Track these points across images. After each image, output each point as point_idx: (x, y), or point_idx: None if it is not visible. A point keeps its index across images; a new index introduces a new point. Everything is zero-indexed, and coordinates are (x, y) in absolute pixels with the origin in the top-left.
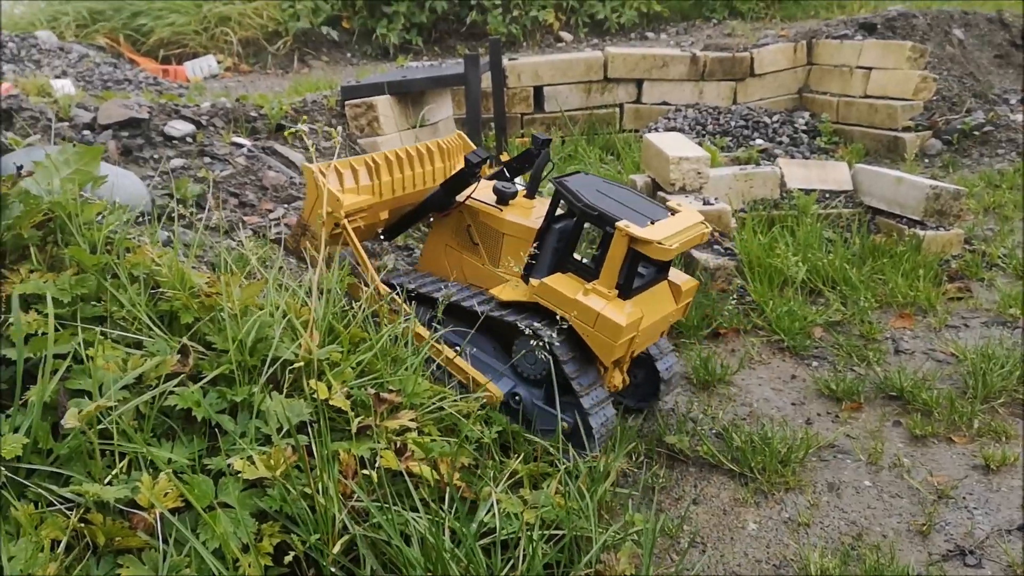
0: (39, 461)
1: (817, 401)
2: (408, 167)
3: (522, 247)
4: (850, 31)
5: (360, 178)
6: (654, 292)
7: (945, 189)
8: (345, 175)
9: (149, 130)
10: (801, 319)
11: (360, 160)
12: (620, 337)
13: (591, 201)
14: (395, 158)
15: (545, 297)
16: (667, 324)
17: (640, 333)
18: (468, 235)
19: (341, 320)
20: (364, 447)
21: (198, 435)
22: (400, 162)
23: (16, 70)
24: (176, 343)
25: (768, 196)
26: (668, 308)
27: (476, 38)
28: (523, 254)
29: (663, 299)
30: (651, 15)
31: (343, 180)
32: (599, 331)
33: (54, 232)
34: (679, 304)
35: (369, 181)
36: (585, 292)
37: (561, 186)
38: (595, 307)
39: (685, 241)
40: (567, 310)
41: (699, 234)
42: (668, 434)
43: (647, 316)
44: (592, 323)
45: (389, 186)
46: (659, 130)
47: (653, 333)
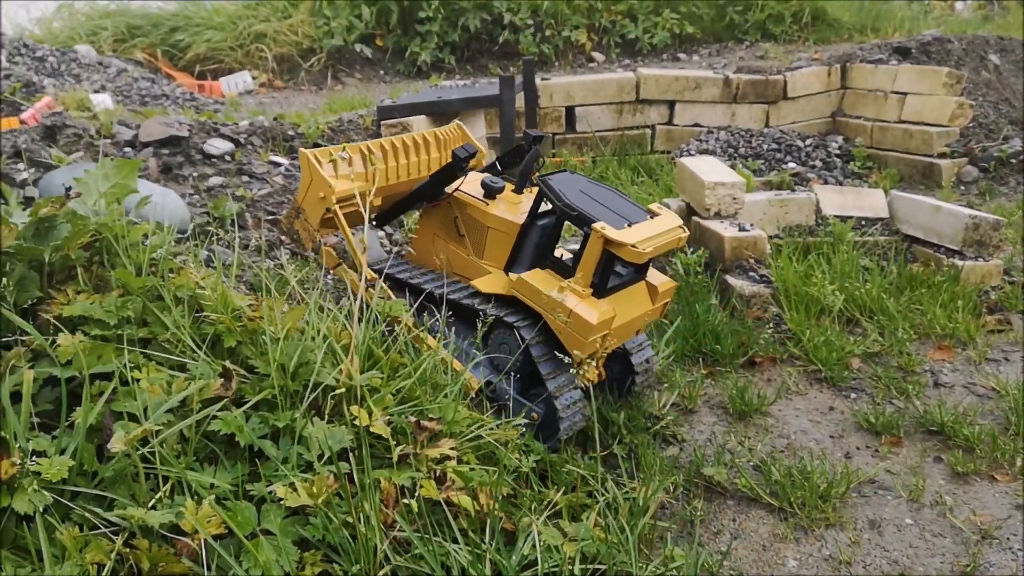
0: (84, 483)
1: (856, 434)
2: (403, 156)
3: (506, 241)
4: (884, 55)
5: (355, 165)
6: (630, 292)
7: (984, 219)
8: (339, 163)
9: (189, 148)
10: (839, 349)
11: (355, 147)
12: (590, 334)
13: (571, 201)
14: (390, 146)
15: (522, 291)
16: (643, 323)
17: (613, 331)
18: (455, 226)
19: (380, 345)
20: (405, 476)
21: (240, 460)
22: (395, 150)
23: (56, 84)
24: (219, 366)
25: (803, 222)
26: (644, 308)
27: (508, 57)
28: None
29: (639, 299)
30: (683, 36)
31: (337, 167)
32: (571, 328)
33: (100, 252)
34: (656, 304)
35: (363, 168)
36: (560, 289)
37: (544, 184)
38: (568, 304)
39: (660, 245)
40: (542, 305)
41: (675, 238)
42: (706, 465)
43: (621, 315)
44: (565, 319)
45: (383, 173)
46: (691, 152)
47: (627, 331)
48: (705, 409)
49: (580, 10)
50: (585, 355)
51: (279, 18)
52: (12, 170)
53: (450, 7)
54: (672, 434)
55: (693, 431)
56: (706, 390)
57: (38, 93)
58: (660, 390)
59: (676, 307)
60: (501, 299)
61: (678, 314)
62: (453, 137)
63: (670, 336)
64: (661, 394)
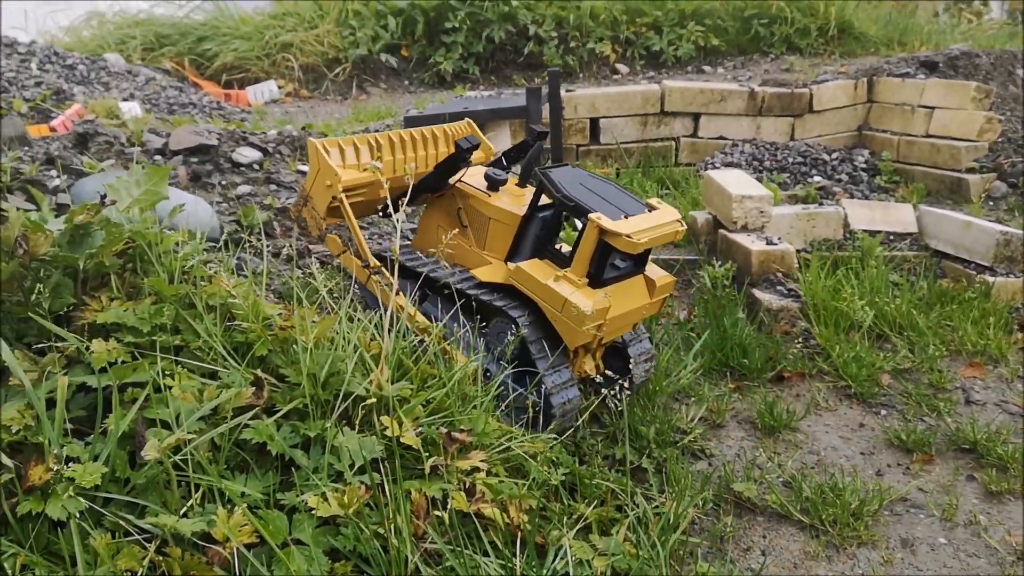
0: (116, 490)
1: (887, 451)
2: (411, 149)
3: (507, 232)
4: (911, 69)
5: (361, 155)
6: (628, 284)
7: (1015, 235)
8: (347, 152)
9: (217, 156)
10: (869, 365)
11: (363, 139)
12: (584, 323)
13: (569, 192)
14: (398, 140)
15: (519, 280)
16: (640, 316)
17: (608, 322)
18: (458, 218)
19: (410, 355)
20: (436, 487)
21: (271, 469)
22: (403, 144)
23: (86, 92)
24: (250, 375)
25: (831, 236)
26: (641, 301)
27: (532, 68)
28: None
29: (636, 292)
30: (708, 49)
31: (345, 156)
32: (565, 316)
33: (133, 260)
34: (654, 299)
35: (370, 159)
36: (556, 278)
37: (544, 176)
38: (563, 293)
39: (656, 236)
40: (538, 294)
41: (672, 231)
42: (736, 481)
43: (616, 306)
44: (560, 308)
45: (390, 165)
46: (716, 165)
47: (623, 324)
48: (733, 424)
49: (605, 22)
50: (579, 344)
51: (305, 28)
52: (45, 177)
53: (475, 18)
54: (700, 448)
55: (721, 446)
56: (734, 405)
57: (68, 100)
58: (688, 404)
59: (703, 320)
60: (500, 289)
61: (705, 327)
62: (460, 133)
63: (697, 350)
64: (689, 408)
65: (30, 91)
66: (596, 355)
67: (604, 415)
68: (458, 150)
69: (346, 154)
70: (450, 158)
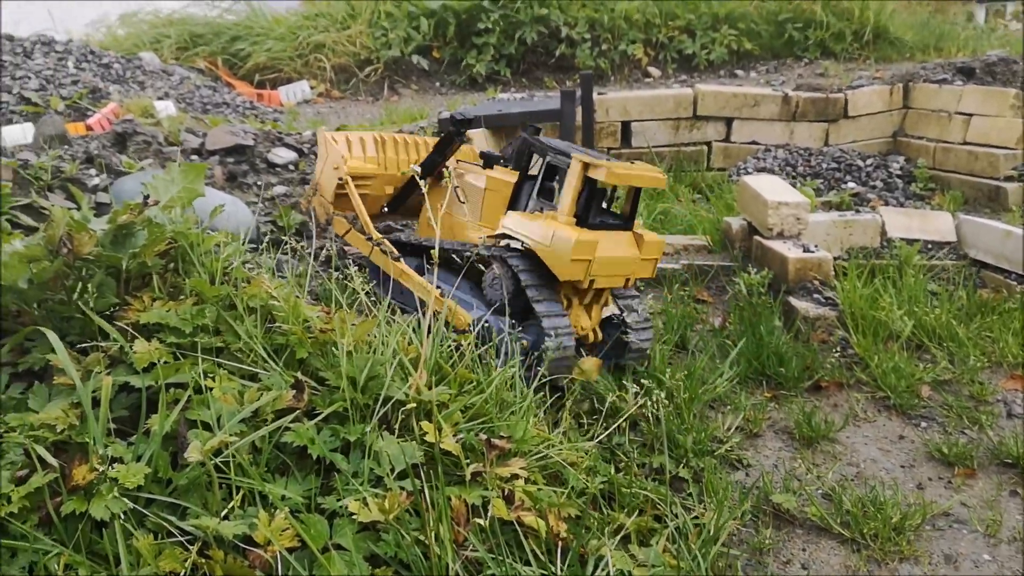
0: (159, 491)
1: (927, 464)
2: (415, 151)
3: (501, 201)
4: (948, 75)
5: (367, 149)
6: (616, 235)
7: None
8: (354, 144)
9: (253, 156)
10: (908, 376)
11: (369, 135)
12: (571, 252)
13: (554, 144)
14: (402, 141)
15: (512, 227)
16: (630, 270)
17: (596, 264)
18: (456, 196)
19: (447, 360)
20: (476, 494)
21: (311, 472)
22: (407, 145)
23: (121, 90)
24: (290, 377)
25: (868, 244)
26: (629, 253)
27: (564, 70)
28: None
29: (625, 243)
30: (741, 52)
31: (351, 148)
32: (554, 247)
33: (175, 260)
34: (643, 256)
35: (374, 153)
36: (546, 219)
37: (529, 138)
38: (550, 227)
39: (634, 176)
40: (529, 235)
41: (652, 177)
42: (774, 492)
43: (603, 248)
44: (548, 241)
45: (395, 163)
46: (748, 170)
47: (612, 272)
48: (770, 433)
49: (637, 25)
50: (569, 277)
51: (338, 29)
52: (84, 175)
53: (507, 20)
54: (738, 458)
55: (759, 456)
56: (770, 414)
57: (104, 99)
58: (724, 412)
59: (739, 328)
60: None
61: (741, 335)
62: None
63: (733, 358)
64: (725, 416)
65: (67, 89)
66: (591, 313)
67: (641, 422)
68: (452, 122)
69: (352, 146)
70: (446, 134)
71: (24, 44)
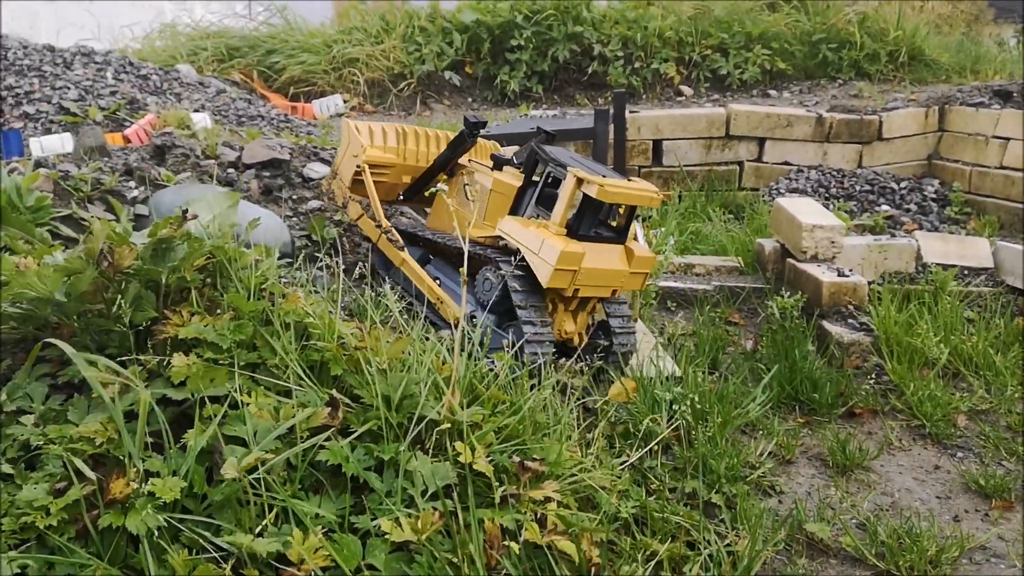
0: (193, 506)
1: (964, 496)
2: (435, 144)
3: (505, 203)
4: (985, 98)
5: (388, 140)
6: (607, 248)
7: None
8: (376, 134)
9: (289, 171)
10: (944, 405)
11: (392, 126)
12: (557, 261)
13: (556, 156)
14: (423, 134)
15: (506, 231)
16: (618, 282)
17: (583, 274)
18: (464, 194)
19: (481, 380)
20: (509, 517)
21: (345, 491)
22: (428, 138)
23: (159, 102)
24: (324, 394)
25: (903, 269)
26: (618, 266)
27: (596, 88)
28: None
29: (615, 256)
30: (774, 72)
31: (373, 138)
32: (541, 255)
33: (213, 275)
34: (633, 269)
35: (395, 144)
36: (536, 227)
37: (537, 148)
38: (541, 236)
39: (628, 195)
40: (520, 240)
41: (647, 196)
42: (809, 521)
43: (592, 259)
44: (537, 249)
45: (414, 155)
46: (781, 191)
47: (599, 282)
48: (803, 460)
49: (671, 43)
50: (553, 285)
51: (372, 43)
52: (124, 187)
53: (540, 37)
54: (771, 485)
55: (792, 483)
56: (803, 440)
57: (141, 110)
58: (756, 437)
59: (771, 352)
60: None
61: (773, 359)
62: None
63: (766, 382)
64: (757, 442)
65: (105, 100)
66: (577, 319)
67: (674, 445)
68: (466, 124)
69: (375, 136)
70: (459, 135)
71: (64, 55)
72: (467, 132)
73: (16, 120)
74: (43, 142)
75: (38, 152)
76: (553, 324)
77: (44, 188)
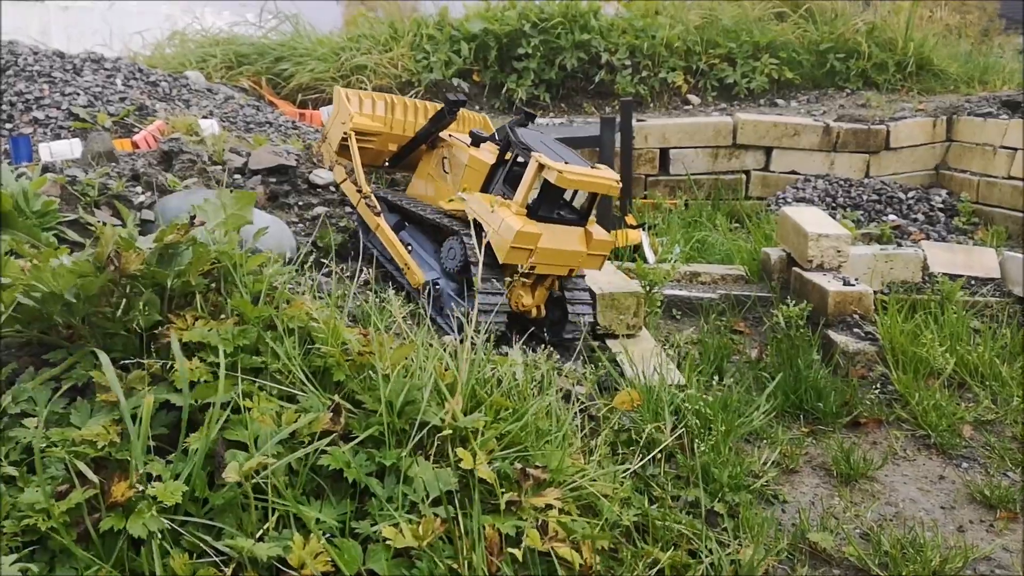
0: (195, 510)
1: (969, 507)
2: (422, 115)
3: (478, 177)
4: (993, 108)
5: (376, 109)
6: (567, 230)
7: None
8: (364, 102)
9: (295, 177)
10: (949, 415)
11: (381, 96)
12: (512, 239)
13: (524, 140)
14: (411, 105)
15: (470, 207)
16: (575, 262)
17: (540, 252)
18: (442, 166)
19: (483, 386)
20: (510, 523)
21: (346, 496)
22: (415, 109)
23: (167, 108)
24: (327, 399)
25: (909, 279)
26: (576, 247)
27: (603, 96)
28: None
29: (573, 238)
30: (781, 81)
31: (362, 106)
32: (500, 233)
33: (217, 280)
34: (591, 251)
35: (383, 113)
36: (498, 205)
37: (509, 129)
38: (500, 214)
39: (587, 182)
40: (482, 216)
41: (605, 184)
42: (812, 530)
43: (549, 239)
44: (497, 227)
45: (400, 125)
46: (788, 200)
47: (557, 261)
48: (807, 469)
49: (678, 52)
50: (509, 261)
51: (380, 51)
52: (131, 192)
53: (548, 45)
54: (774, 494)
55: (795, 492)
56: (807, 449)
57: (150, 116)
58: (760, 446)
59: (776, 360)
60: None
61: (778, 368)
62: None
63: (770, 391)
64: (761, 450)
65: (114, 106)
66: (535, 293)
67: (677, 453)
68: (446, 103)
69: (363, 104)
70: (440, 110)
71: (74, 61)
72: (447, 110)
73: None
74: (52, 147)
75: (47, 157)
76: (510, 296)
77: (51, 193)
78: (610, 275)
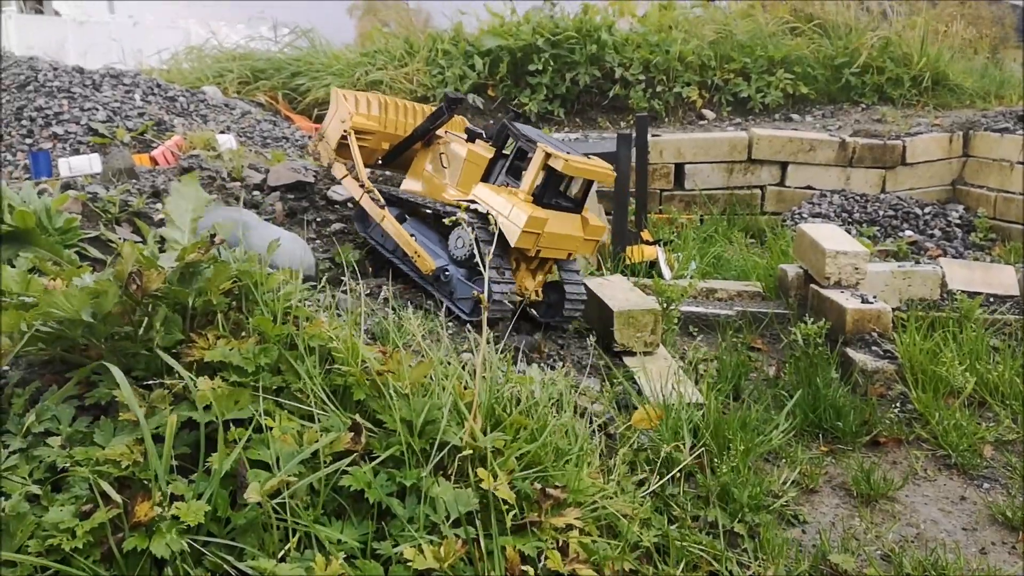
0: (217, 529)
1: (990, 528)
2: (413, 116)
3: (476, 172)
4: (1010, 124)
5: (372, 108)
6: (567, 216)
7: None
8: (361, 102)
9: (313, 193)
10: (970, 435)
11: (376, 96)
12: (524, 224)
13: (525, 132)
14: (403, 106)
15: (479, 197)
16: (573, 246)
17: (545, 236)
18: (440, 161)
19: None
20: (531, 544)
21: (367, 516)
22: (408, 110)
23: (185, 123)
24: (347, 418)
25: (927, 296)
26: (575, 232)
27: (617, 111)
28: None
29: (573, 224)
30: (796, 96)
31: (359, 106)
32: (511, 219)
33: (238, 298)
34: (586, 236)
35: (378, 113)
36: (508, 194)
37: (508, 124)
38: (511, 202)
39: (588, 170)
40: (491, 205)
41: (603, 172)
42: (832, 551)
43: (553, 225)
44: (507, 213)
45: (394, 124)
46: (803, 215)
47: (558, 245)
48: (827, 489)
49: (693, 67)
50: (519, 245)
51: (395, 66)
52: (151, 209)
53: (561, 60)
54: (794, 514)
55: (815, 512)
56: (827, 469)
57: (168, 131)
58: (779, 465)
59: (794, 378)
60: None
61: (797, 386)
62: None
63: (789, 410)
64: (780, 470)
65: (133, 121)
66: (536, 277)
67: (697, 473)
68: (445, 100)
69: (360, 104)
70: (437, 110)
71: (94, 76)
72: (445, 107)
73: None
74: (71, 163)
75: (66, 172)
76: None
77: (72, 210)
78: (627, 292)
